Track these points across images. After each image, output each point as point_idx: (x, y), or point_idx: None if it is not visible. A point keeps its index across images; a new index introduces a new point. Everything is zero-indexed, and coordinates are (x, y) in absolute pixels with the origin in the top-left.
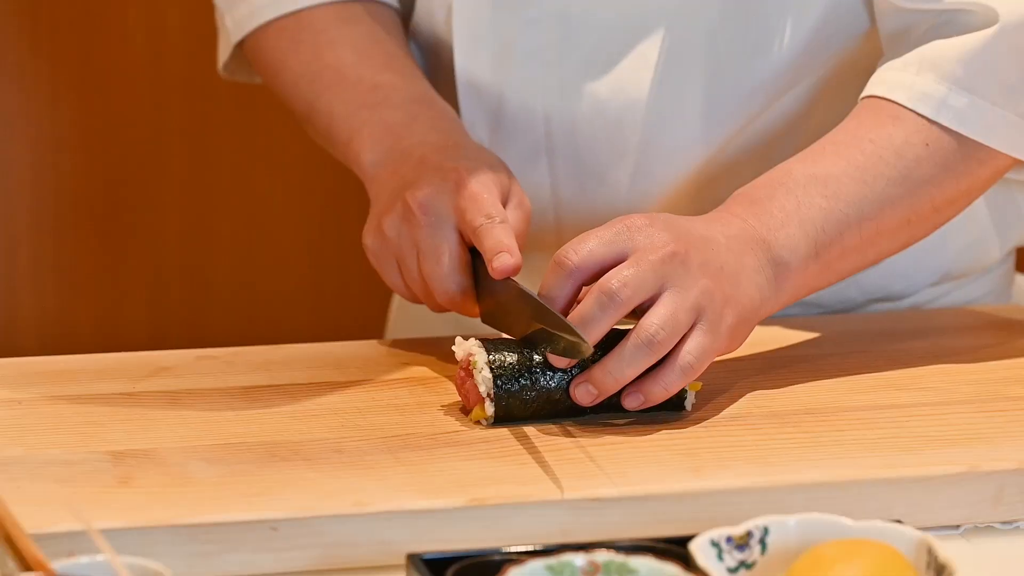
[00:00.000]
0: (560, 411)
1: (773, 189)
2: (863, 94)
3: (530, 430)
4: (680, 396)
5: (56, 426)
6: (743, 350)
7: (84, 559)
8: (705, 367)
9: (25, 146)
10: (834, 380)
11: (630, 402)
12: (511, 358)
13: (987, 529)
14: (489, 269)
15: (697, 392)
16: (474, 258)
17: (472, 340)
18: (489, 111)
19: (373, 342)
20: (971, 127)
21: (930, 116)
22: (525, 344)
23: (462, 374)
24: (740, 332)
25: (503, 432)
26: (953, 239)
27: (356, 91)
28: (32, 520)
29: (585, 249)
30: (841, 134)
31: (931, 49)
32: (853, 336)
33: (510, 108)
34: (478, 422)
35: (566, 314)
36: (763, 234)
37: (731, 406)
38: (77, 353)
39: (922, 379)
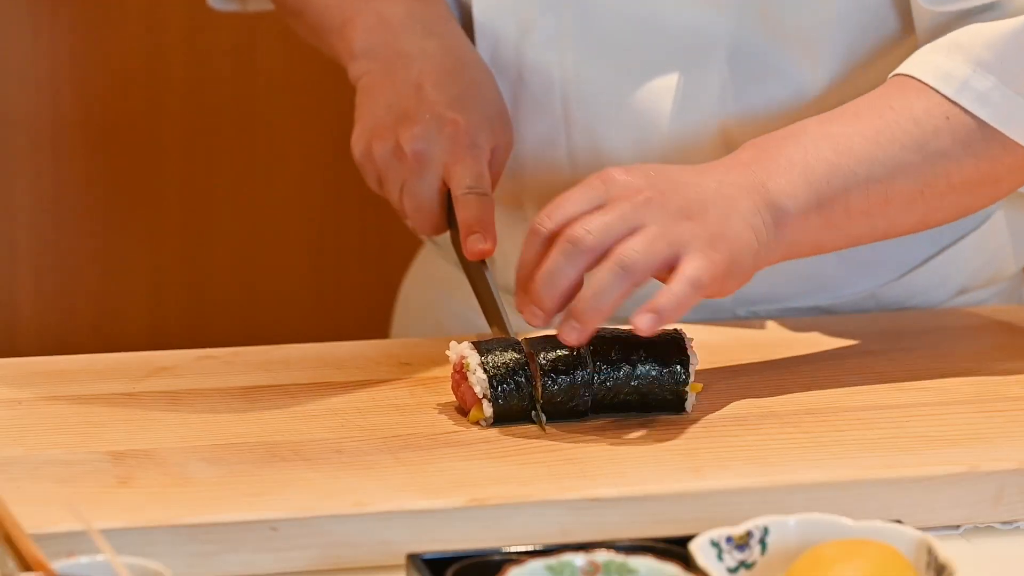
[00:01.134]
0: (560, 410)
1: (783, 140)
2: (892, 73)
3: (530, 430)
4: (681, 397)
5: (56, 426)
6: (743, 351)
7: (84, 559)
8: (711, 284)
9: (25, 145)
10: (834, 380)
11: (643, 320)
12: (504, 358)
13: (987, 529)
14: (463, 246)
15: (698, 394)
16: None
17: (465, 343)
18: (510, 91)
19: (373, 342)
20: (990, 111)
21: (951, 96)
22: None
23: (456, 377)
24: (736, 271)
25: (503, 432)
26: (972, 258)
27: None
28: (32, 520)
29: (560, 213)
30: (864, 100)
31: (964, 32)
32: (853, 336)
33: (529, 88)
34: (477, 423)
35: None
36: (763, 179)
37: (731, 406)
38: (77, 353)
39: (922, 379)
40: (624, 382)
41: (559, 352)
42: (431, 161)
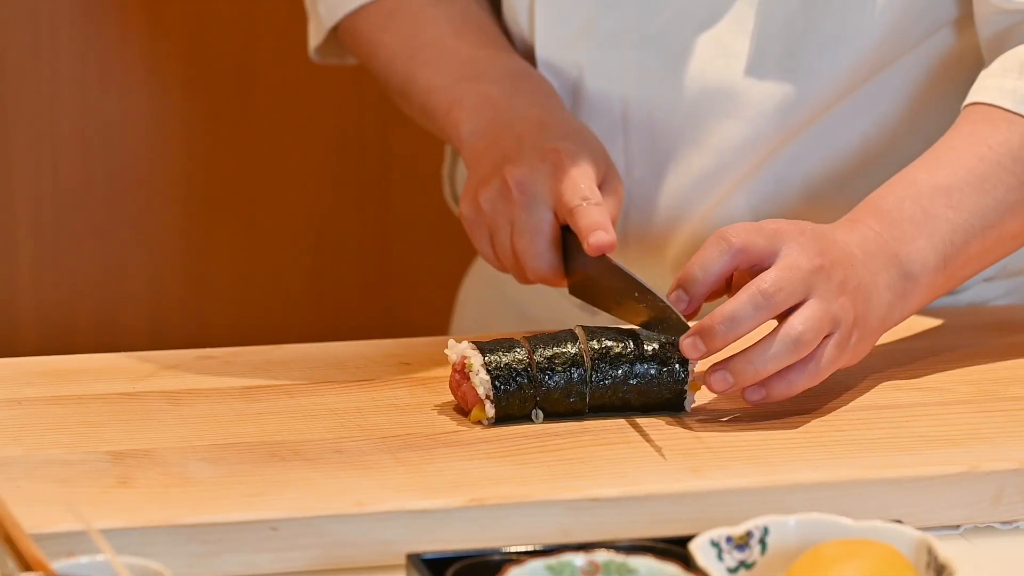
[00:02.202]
0: (560, 410)
1: (900, 200)
2: (966, 102)
3: (530, 430)
4: (680, 397)
5: (56, 426)
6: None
7: (84, 559)
8: (827, 375)
9: (25, 146)
10: (834, 380)
11: (751, 394)
12: (506, 358)
13: (987, 529)
14: (584, 246)
15: (697, 393)
16: (564, 232)
17: (465, 343)
18: (568, 89)
19: (373, 342)
20: None
21: None
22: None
23: (457, 377)
24: (862, 349)
25: (503, 432)
26: None
27: (454, 65)
28: (32, 520)
29: (746, 233)
30: (958, 139)
31: None
32: None
33: (589, 88)
34: (479, 422)
35: (713, 289)
36: (896, 248)
37: (731, 406)
38: (77, 353)
39: (922, 379)
40: (623, 381)
41: (557, 350)
42: (537, 189)
